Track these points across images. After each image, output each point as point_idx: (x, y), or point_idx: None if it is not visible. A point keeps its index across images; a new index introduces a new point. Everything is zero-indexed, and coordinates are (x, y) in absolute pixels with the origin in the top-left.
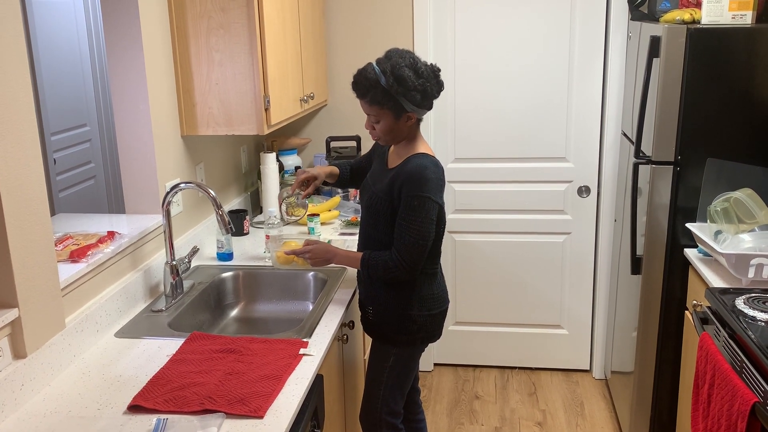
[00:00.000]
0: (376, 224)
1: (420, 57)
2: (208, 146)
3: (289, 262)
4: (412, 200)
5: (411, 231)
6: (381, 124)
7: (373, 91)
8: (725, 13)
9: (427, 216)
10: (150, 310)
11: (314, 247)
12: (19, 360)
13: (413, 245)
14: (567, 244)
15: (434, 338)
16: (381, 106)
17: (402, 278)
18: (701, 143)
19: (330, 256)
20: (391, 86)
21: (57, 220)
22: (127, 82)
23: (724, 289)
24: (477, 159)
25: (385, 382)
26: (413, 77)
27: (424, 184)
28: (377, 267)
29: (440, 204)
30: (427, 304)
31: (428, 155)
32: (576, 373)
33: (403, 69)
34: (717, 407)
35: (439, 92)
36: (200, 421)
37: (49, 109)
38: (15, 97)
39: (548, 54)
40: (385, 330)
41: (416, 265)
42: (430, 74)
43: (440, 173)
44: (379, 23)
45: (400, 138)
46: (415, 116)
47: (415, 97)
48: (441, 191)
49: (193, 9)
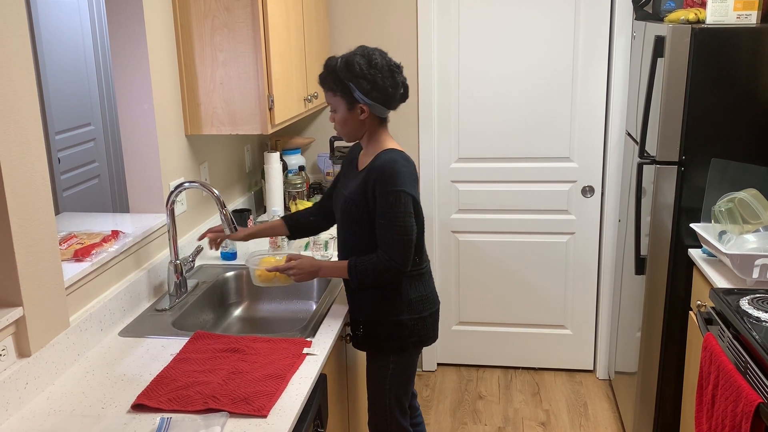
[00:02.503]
0: (354, 230)
1: (388, 55)
2: (212, 146)
3: (270, 279)
4: (388, 196)
5: (393, 228)
6: (337, 115)
7: (327, 77)
8: (730, 12)
9: (405, 210)
10: (154, 309)
11: (298, 263)
12: (23, 359)
13: (399, 242)
14: (571, 244)
15: (428, 341)
16: (334, 93)
17: (394, 279)
18: (706, 143)
19: (315, 269)
20: (340, 71)
21: (61, 219)
22: (131, 81)
23: (729, 290)
24: (481, 159)
25: (388, 392)
26: (363, 65)
27: (397, 177)
28: (366, 272)
29: (414, 197)
30: (416, 307)
31: (397, 150)
32: (579, 373)
33: (355, 56)
34: (721, 408)
35: (396, 89)
36: (204, 420)
37: (54, 109)
38: (20, 96)
39: (552, 53)
40: (378, 340)
41: (406, 262)
42: (384, 67)
43: (411, 167)
44: (382, 24)
45: (357, 133)
46: (369, 110)
47: (363, 85)
48: (414, 185)
49: (198, 9)
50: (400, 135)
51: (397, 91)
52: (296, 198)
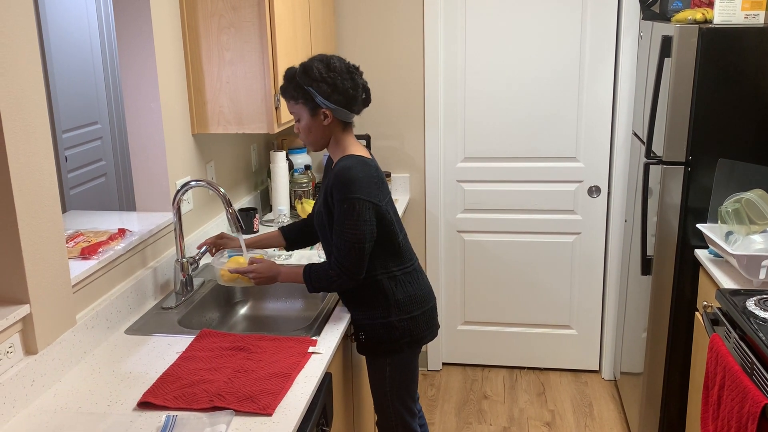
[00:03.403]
0: (326, 239)
1: (346, 60)
2: (218, 144)
3: (234, 279)
4: (342, 204)
5: (344, 236)
6: (302, 124)
7: (288, 86)
8: (737, 12)
9: (359, 218)
10: (160, 308)
11: (258, 266)
12: (30, 356)
13: (350, 250)
14: (577, 244)
15: (423, 340)
16: (296, 101)
17: (346, 285)
18: (712, 143)
19: (274, 274)
20: (300, 77)
21: (68, 218)
22: (138, 80)
23: (735, 290)
24: (487, 158)
25: (389, 393)
26: (322, 69)
27: (350, 184)
28: (320, 279)
29: (374, 202)
30: (405, 307)
31: (355, 155)
32: (585, 373)
33: (313, 61)
34: (727, 409)
35: (357, 90)
36: (209, 418)
37: (61, 107)
38: (27, 94)
39: (559, 53)
40: (371, 342)
41: (357, 269)
42: (343, 70)
43: (371, 170)
44: (389, 22)
45: (322, 140)
46: (332, 114)
47: (323, 89)
48: (375, 188)
49: (205, 8)
50: (406, 135)
51: (357, 92)
52: (302, 197)
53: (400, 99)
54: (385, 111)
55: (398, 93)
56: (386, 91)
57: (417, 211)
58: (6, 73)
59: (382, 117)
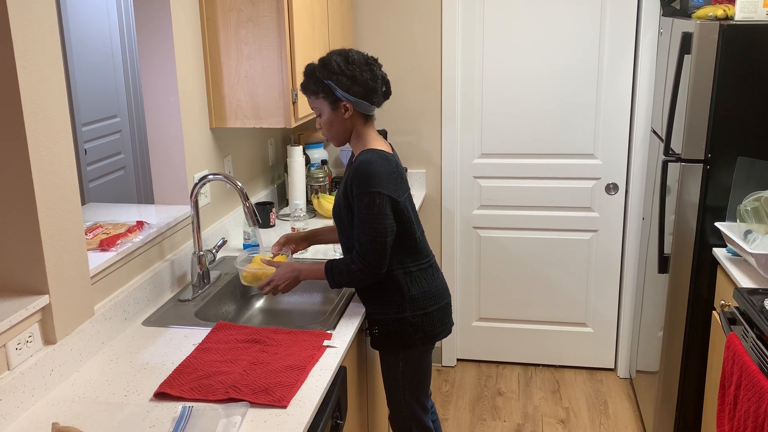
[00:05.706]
0: (345, 231)
1: (363, 52)
2: (236, 139)
3: (257, 280)
4: (362, 198)
5: (366, 230)
6: (323, 119)
7: (308, 81)
8: (759, 9)
9: (380, 212)
10: (177, 300)
11: (276, 274)
12: (49, 346)
13: (371, 244)
14: (594, 241)
15: (437, 336)
16: (316, 96)
17: (368, 280)
18: (732, 141)
19: (295, 275)
20: (319, 71)
21: (87, 210)
22: (157, 74)
23: (753, 290)
24: (504, 155)
25: (402, 388)
26: (341, 62)
27: (371, 179)
28: (341, 273)
29: (393, 197)
30: (419, 303)
31: (376, 150)
32: (600, 371)
33: (331, 55)
34: (743, 409)
35: (376, 81)
36: (225, 410)
37: (81, 101)
38: (48, 88)
39: (578, 50)
40: (384, 337)
41: (379, 263)
42: (361, 62)
43: (391, 166)
44: (407, 18)
45: (344, 134)
46: (352, 107)
47: (342, 81)
48: (394, 183)
49: (223, 2)
50: (423, 131)
51: (377, 83)
52: (318, 192)
53: (417, 95)
54: (402, 106)
55: (415, 89)
56: (403, 86)
57: (433, 207)
58: (28, 66)
59: (398, 112)
